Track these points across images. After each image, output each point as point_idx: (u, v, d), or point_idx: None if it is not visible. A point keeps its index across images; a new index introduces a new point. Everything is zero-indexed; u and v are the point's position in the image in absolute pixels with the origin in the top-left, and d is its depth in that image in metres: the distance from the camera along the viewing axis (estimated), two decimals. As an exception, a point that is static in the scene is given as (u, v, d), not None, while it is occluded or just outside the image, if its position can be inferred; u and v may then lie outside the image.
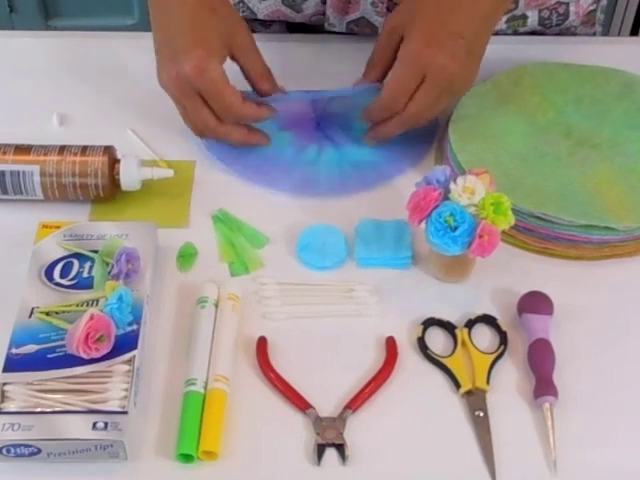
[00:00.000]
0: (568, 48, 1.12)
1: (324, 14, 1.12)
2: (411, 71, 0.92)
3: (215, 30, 0.93)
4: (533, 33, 1.15)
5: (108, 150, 0.94)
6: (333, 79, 1.06)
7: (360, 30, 1.12)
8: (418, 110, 0.94)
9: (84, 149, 0.94)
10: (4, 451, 0.75)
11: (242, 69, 0.96)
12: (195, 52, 0.90)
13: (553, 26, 1.15)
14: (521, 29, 1.14)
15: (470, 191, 0.84)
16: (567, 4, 1.13)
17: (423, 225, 0.85)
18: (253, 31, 1.16)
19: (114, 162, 0.94)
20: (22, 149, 0.94)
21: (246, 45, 0.96)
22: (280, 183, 0.98)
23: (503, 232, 0.85)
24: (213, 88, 0.91)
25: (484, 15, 0.95)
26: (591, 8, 1.16)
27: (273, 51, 1.11)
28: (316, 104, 1.05)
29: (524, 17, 1.13)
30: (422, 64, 0.92)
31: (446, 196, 0.85)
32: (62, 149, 0.94)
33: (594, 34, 1.20)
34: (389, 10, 1.10)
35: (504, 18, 1.12)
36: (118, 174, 0.94)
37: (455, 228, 0.83)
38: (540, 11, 1.13)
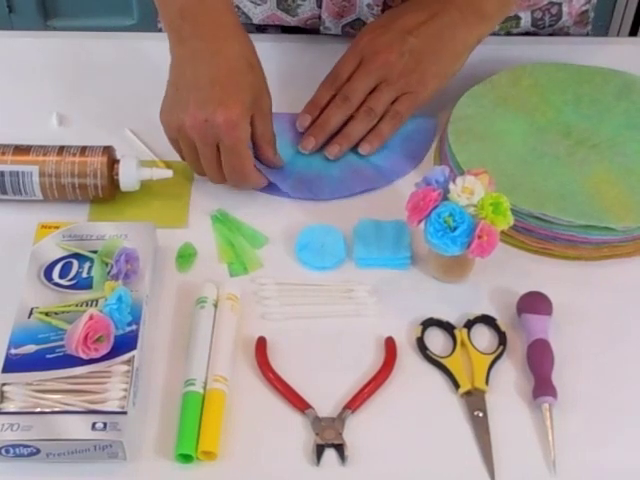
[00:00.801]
0: (567, 48, 1.12)
1: (319, 18, 1.12)
2: (347, 53, 1.00)
3: (251, 88, 0.91)
4: (526, 34, 1.15)
5: (107, 150, 0.94)
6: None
7: (356, 32, 1.12)
8: (350, 89, 0.98)
9: (83, 149, 0.94)
10: (3, 451, 0.75)
11: (254, 130, 0.92)
12: (232, 106, 0.88)
13: (546, 27, 1.15)
14: (514, 30, 1.14)
15: (469, 191, 0.84)
16: (560, 4, 1.13)
17: (422, 225, 0.85)
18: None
19: (113, 162, 0.94)
20: (21, 149, 0.94)
21: (267, 108, 0.94)
22: (278, 187, 0.97)
23: (502, 232, 0.85)
24: (237, 147, 0.90)
25: (449, 23, 0.99)
26: (584, 8, 1.16)
27: (269, 52, 1.11)
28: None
29: (517, 18, 1.13)
30: (358, 48, 0.99)
31: (445, 196, 0.85)
32: (61, 149, 0.94)
33: (587, 34, 1.20)
34: (384, 12, 1.10)
35: None
36: (117, 174, 0.94)
37: (454, 228, 0.83)
38: (533, 12, 1.13)
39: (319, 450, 0.78)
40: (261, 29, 1.18)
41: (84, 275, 0.86)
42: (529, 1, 1.11)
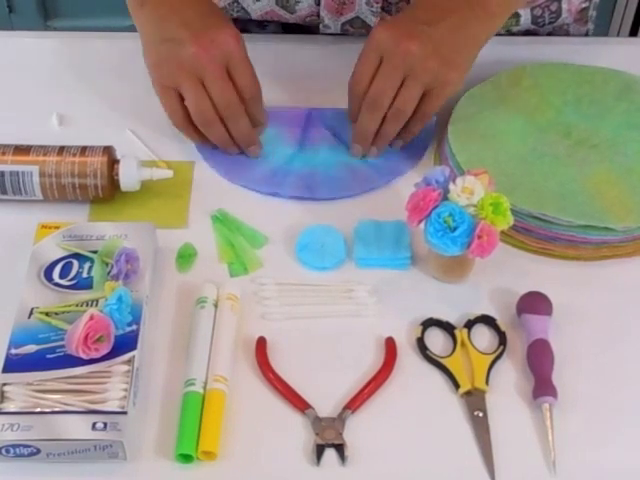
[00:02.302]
0: (567, 48, 1.12)
1: (318, 15, 1.12)
2: (367, 52, 0.95)
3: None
4: (527, 32, 1.15)
5: (107, 150, 0.94)
6: (328, 80, 1.06)
7: (355, 30, 1.12)
8: (377, 91, 0.94)
9: (83, 149, 0.94)
10: (3, 451, 0.75)
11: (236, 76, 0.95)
12: (231, 26, 0.94)
13: (546, 24, 1.15)
14: (514, 28, 1.14)
15: (469, 191, 0.84)
16: (559, 1, 1.13)
17: (422, 225, 0.85)
18: (248, 32, 1.17)
19: (113, 163, 0.94)
20: (21, 149, 0.94)
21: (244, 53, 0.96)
22: (277, 188, 0.97)
23: (502, 232, 0.85)
24: (245, 59, 0.94)
25: (464, 17, 0.96)
26: (583, 5, 1.16)
27: (269, 52, 1.11)
28: (307, 116, 1.05)
29: (517, 16, 1.13)
30: (376, 43, 0.94)
31: (445, 196, 0.85)
32: (61, 149, 0.94)
33: (587, 32, 1.20)
34: (384, 10, 1.10)
35: None
36: (117, 175, 0.94)
37: (454, 228, 0.83)
38: (532, 9, 1.13)
39: (319, 450, 0.78)
40: (261, 25, 1.18)
41: (84, 275, 0.86)
42: None
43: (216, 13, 0.98)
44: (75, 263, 0.87)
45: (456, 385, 0.82)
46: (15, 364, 0.79)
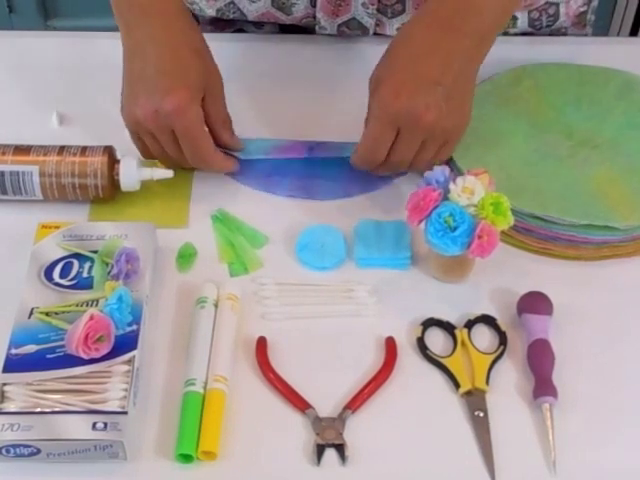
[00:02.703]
0: (567, 48, 1.12)
1: (314, 17, 1.12)
2: (382, 125, 0.89)
3: (196, 71, 0.92)
4: (523, 35, 1.15)
5: (107, 150, 0.94)
6: (326, 80, 1.06)
7: (351, 32, 1.12)
8: (402, 160, 0.92)
9: (83, 149, 0.94)
10: (4, 451, 0.75)
11: (207, 113, 0.93)
12: (178, 92, 0.89)
13: (543, 27, 1.14)
14: (511, 31, 1.14)
15: (469, 191, 0.84)
16: (557, 5, 1.13)
17: (422, 225, 0.85)
18: (244, 32, 1.17)
19: (113, 162, 0.94)
20: (21, 149, 0.94)
21: (218, 90, 0.95)
22: (275, 186, 0.98)
23: (502, 232, 0.85)
24: (191, 131, 0.91)
25: (463, 57, 0.90)
26: (582, 9, 1.16)
27: (266, 52, 1.11)
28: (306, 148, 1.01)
29: (514, 18, 1.13)
30: (392, 117, 0.88)
31: (445, 196, 0.85)
32: (61, 149, 0.94)
33: (585, 36, 1.20)
34: (379, 11, 1.10)
35: None
36: (117, 174, 0.94)
37: (454, 228, 0.83)
38: (530, 12, 1.13)
39: (319, 450, 0.78)
40: (258, 26, 1.18)
41: (84, 275, 0.86)
42: (526, 1, 1.11)
43: (185, 58, 0.92)
44: (75, 263, 0.87)
45: (456, 385, 0.82)
46: (15, 364, 0.78)
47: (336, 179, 0.98)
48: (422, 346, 0.85)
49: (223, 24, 1.18)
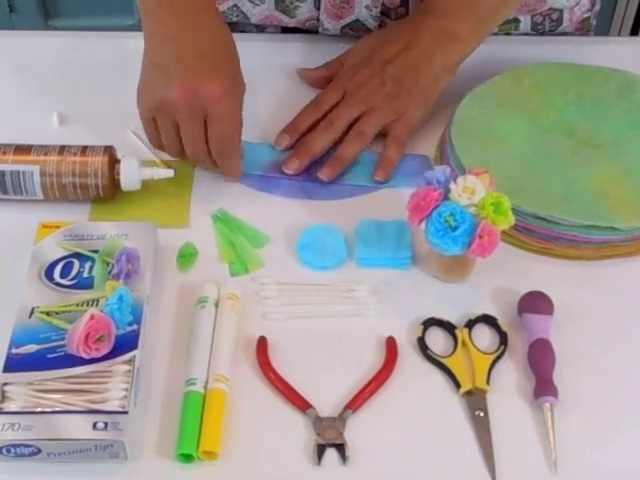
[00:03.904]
0: (567, 48, 1.12)
1: (318, 19, 1.12)
2: (333, 86, 1.02)
3: (232, 65, 0.92)
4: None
5: (108, 150, 0.94)
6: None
7: (355, 34, 1.12)
8: (336, 115, 0.99)
9: (84, 149, 0.94)
10: (4, 451, 0.75)
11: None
12: (221, 80, 0.89)
13: (546, 32, 1.15)
14: (513, 32, 1.14)
15: (470, 191, 0.84)
16: (561, 11, 1.13)
17: (423, 225, 0.85)
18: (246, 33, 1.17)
19: (114, 162, 0.94)
20: (22, 149, 0.94)
21: (241, 93, 0.94)
22: (275, 186, 0.98)
23: (503, 232, 0.85)
24: (227, 120, 0.91)
25: (421, 51, 1.01)
26: (585, 15, 1.16)
27: (268, 52, 1.11)
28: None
29: (516, 21, 1.13)
30: (342, 83, 1.01)
31: (446, 196, 0.85)
32: (62, 149, 0.94)
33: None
34: (383, 13, 1.10)
35: None
36: (118, 174, 0.94)
37: (455, 228, 0.83)
38: (533, 16, 1.13)
39: (320, 450, 0.78)
40: (260, 28, 1.18)
41: (85, 275, 0.86)
42: (529, 6, 1.11)
43: (220, 50, 0.92)
44: (76, 263, 0.87)
45: (457, 385, 0.82)
46: (16, 364, 0.78)
47: (336, 179, 0.98)
48: (423, 346, 0.85)
49: None
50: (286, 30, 1.17)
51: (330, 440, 0.78)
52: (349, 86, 1.00)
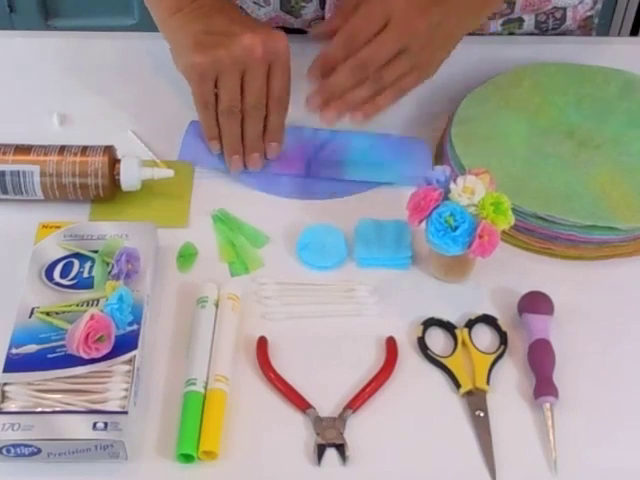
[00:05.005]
0: (567, 48, 1.12)
1: (323, 18, 1.12)
2: (374, 9, 0.89)
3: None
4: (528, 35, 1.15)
5: (108, 150, 0.94)
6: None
7: None
8: (371, 56, 0.89)
9: (84, 149, 0.94)
10: (4, 451, 0.75)
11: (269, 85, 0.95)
12: (281, 33, 0.93)
13: (549, 30, 1.15)
14: (517, 32, 1.14)
15: (470, 191, 0.84)
16: (564, 9, 1.13)
17: (423, 225, 0.85)
18: None
19: (114, 162, 0.94)
20: (22, 149, 0.94)
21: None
22: (276, 186, 0.98)
23: (503, 232, 0.85)
24: (288, 62, 0.93)
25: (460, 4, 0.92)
26: (588, 14, 1.16)
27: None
28: (308, 148, 1.01)
29: (520, 20, 1.13)
30: (389, 8, 0.89)
31: (446, 196, 0.85)
32: (62, 149, 0.94)
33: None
34: None
35: (499, 21, 1.12)
36: (118, 174, 0.94)
37: (455, 228, 0.83)
38: (537, 15, 1.13)
39: (320, 450, 0.78)
40: None
41: (85, 275, 0.86)
42: (533, 6, 1.11)
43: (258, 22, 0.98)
44: (76, 263, 0.87)
45: (457, 385, 0.82)
46: (16, 364, 0.78)
47: (335, 179, 0.98)
48: (423, 346, 0.85)
49: None
50: (290, 32, 1.17)
51: (330, 440, 0.78)
52: (396, 14, 0.89)
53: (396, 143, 1.02)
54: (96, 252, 0.87)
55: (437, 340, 0.86)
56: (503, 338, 0.85)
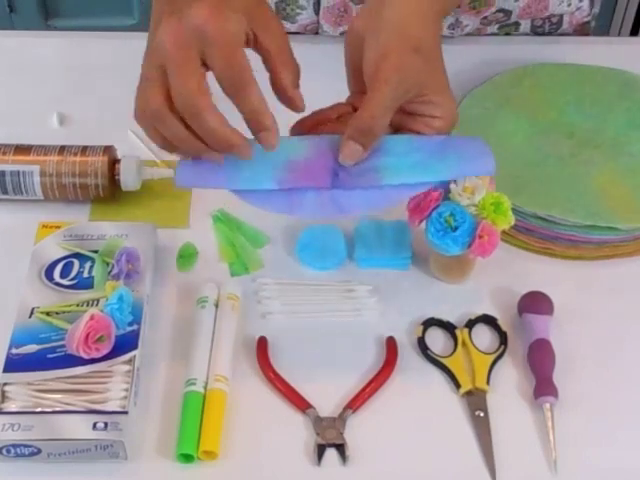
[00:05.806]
0: (567, 48, 1.12)
1: (318, 24, 1.12)
2: (395, 91, 0.77)
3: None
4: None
5: (108, 150, 0.94)
6: (329, 79, 1.06)
7: None
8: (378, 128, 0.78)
9: (84, 149, 0.94)
10: (4, 451, 0.75)
11: (266, 49, 0.78)
12: (210, 1, 0.71)
13: (545, 34, 1.15)
14: (513, 34, 1.14)
15: (470, 191, 0.84)
16: (561, 15, 1.13)
17: (423, 225, 0.85)
18: None
19: (114, 162, 0.94)
20: (22, 149, 0.94)
21: (277, 29, 0.79)
22: (299, 205, 0.80)
23: (503, 232, 0.85)
24: (227, 40, 0.71)
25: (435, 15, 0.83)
26: (585, 19, 1.16)
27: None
28: (329, 156, 0.81)
29: (517, 24, 1.13)
30: (411, 84, 0.78)
31: (446, 196, 0.85)
32: (62, 149, 0.94)
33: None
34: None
35: (496, 26, 1.13)
36: (118, 174, 0.94)
37: (455, 228, 0.83)
38: (533, 19, 1.13)
39: (320, 450, 0.78)
40: None
41: (85, 275, 0.86)
42: (530, 14, 1.11)
43: None
44: (76, 263, 0.87)
45: (457, 385, 0.82)
46: (16, 364, 0.78)
47: (361, 193, 0.80)
48: (423, 346, 0.85)
49: None
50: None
51: (330, 440, 0.78)
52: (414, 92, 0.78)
53: (447, 142, 0.82)
54: (96, 252, 0.87)
55: (437, 340, 0.86)
56: (503, 338, 0.85)
